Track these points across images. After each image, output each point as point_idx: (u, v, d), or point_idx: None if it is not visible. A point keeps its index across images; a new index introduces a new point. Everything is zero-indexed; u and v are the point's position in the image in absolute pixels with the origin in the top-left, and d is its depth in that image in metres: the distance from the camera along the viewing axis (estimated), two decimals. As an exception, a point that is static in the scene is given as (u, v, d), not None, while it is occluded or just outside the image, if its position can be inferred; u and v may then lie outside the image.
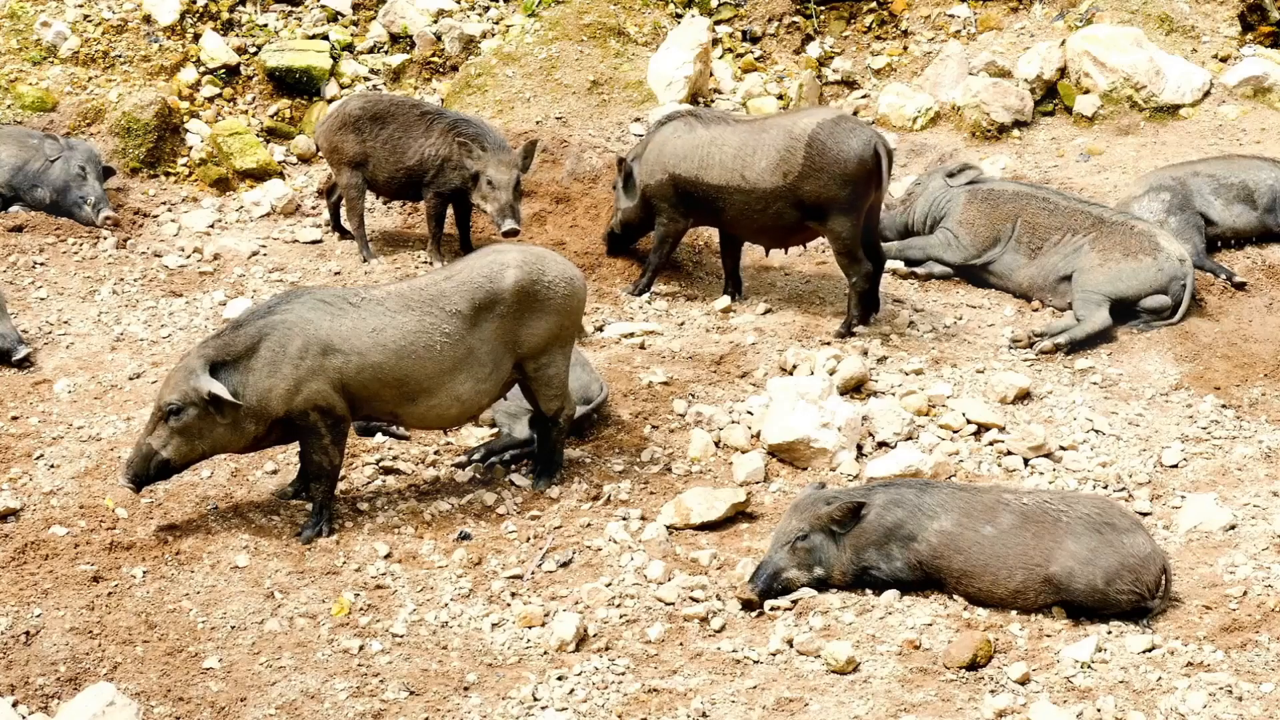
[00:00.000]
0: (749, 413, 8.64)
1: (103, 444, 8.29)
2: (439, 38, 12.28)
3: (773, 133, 9.43)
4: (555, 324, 7.84)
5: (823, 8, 12.89)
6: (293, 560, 7.45)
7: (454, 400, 7.73)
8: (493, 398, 7.90)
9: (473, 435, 8.55)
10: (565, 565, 7.52)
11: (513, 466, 8.30)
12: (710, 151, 9.57)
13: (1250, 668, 6.65)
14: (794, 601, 7.13)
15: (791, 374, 8.95)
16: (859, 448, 8.38)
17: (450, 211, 10.52)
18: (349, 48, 12.26)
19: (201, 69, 11.91)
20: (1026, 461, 8.28)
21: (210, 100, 11.84)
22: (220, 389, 7.29)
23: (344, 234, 10.73)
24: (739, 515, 7.88)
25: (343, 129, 10.41)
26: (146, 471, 7.47)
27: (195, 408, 7.35)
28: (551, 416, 8.01)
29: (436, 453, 8.42)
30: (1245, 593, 7.11)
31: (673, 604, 7.20)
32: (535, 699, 6.62)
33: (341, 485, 7.94)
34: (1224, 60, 12.33)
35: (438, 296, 7.66)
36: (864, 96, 12.48)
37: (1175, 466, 8.30)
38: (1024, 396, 8.85)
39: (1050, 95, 12.25)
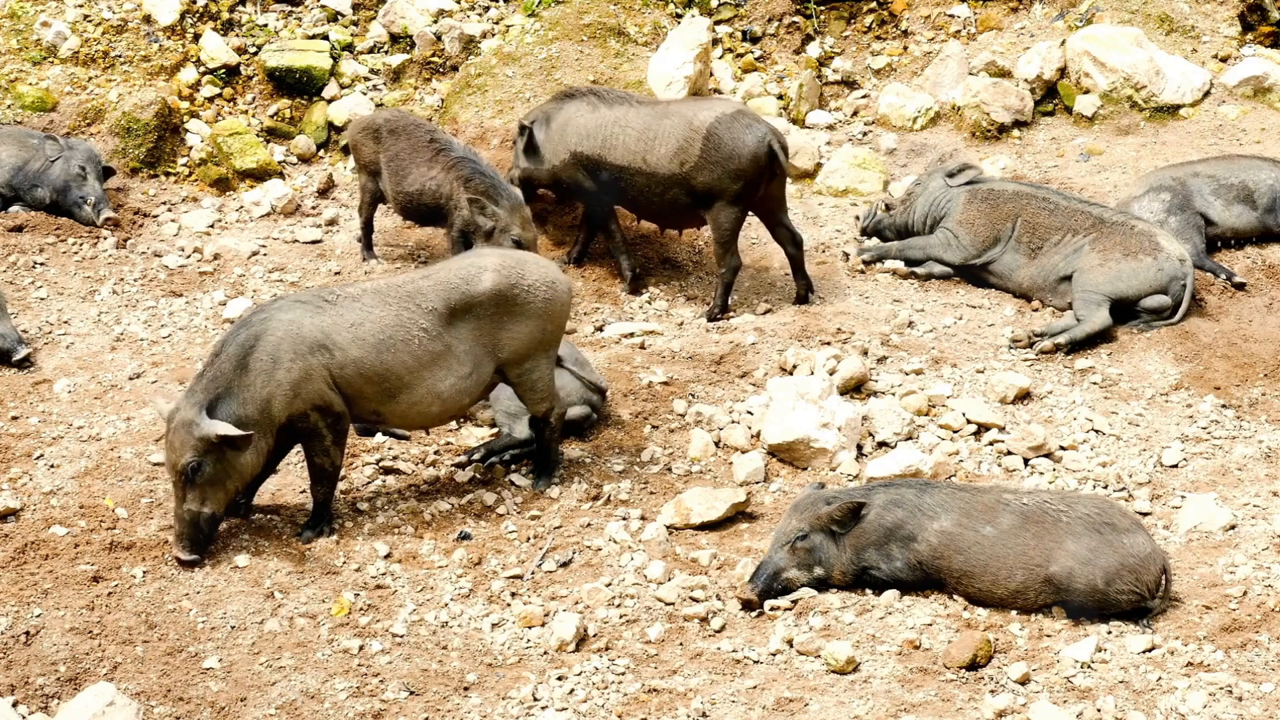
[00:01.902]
0: (749, 413, 8.63)
1: (103, 444, 8.28)
2: (439, 38, 12.27)
3: (674, 120, 9.72)
4: (536, 328, 7.82)
5: (823, 8, 12.88)
6: (293, 560, 7.45)
7: (435, 397, 7.72)
8: (474, 398, 7.89)
9: (473, 435, 8.55)
10: (565, 565, 7.52)
11: (513, 466, 8.29)
12: (614, 132, 9.85)
13: (1250, 668, 6.65)
14: (794, 601, 7.13)
15: (791, 374, 8.94)
16: (859, 448, 8.38)
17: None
18: (349, 48, 12.25)
19: (201, 69, 11.90)
20: (1026, 461, 8.28)
21: (210, 100, 11.83)
22: (227, 428, 7.22)
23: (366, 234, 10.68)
24: (739, 515, 7.88)
25: (364, 131, 10.53)
26: (199, 535, 7.34)
27: (212, 455, 7.27)
28: (542, 417, 8.02)
29: (436, 453, 8.42)
30: (1245, 593, 7.10)
31: (673, 604, 7.20)
32: (535, 699, 6.62)
33: (341, 485, 7.94)
34: (1224, 60, 12.31)
35: (414, 293, 7.68)
36: (864, 96, 12.47)
37: (1175, 466, 8.30)
38: (1024, 396, 8.85)
39: (1050, 95, 12.23)
